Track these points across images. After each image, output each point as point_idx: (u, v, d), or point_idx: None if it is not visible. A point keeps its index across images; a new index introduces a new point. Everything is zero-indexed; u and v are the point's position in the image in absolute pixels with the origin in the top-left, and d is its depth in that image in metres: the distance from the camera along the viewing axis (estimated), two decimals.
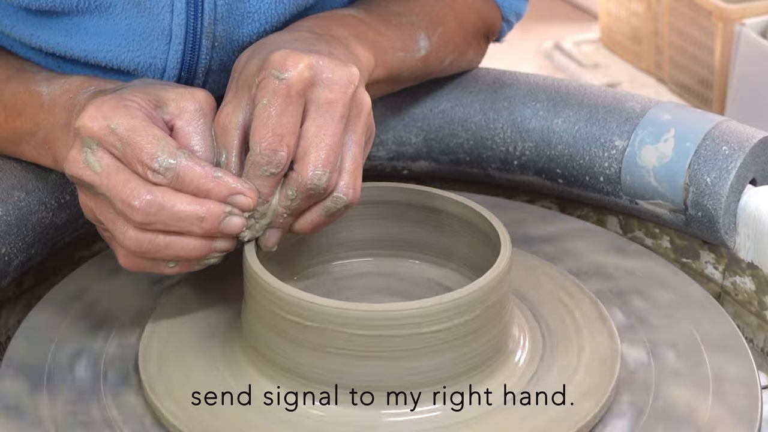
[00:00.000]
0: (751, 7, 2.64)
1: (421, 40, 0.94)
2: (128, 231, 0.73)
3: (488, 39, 1.06)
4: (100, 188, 0.73)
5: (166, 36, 0.87)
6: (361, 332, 0.70)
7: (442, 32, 0.96)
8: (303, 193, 0.74)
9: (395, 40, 0.91)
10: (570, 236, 0.94)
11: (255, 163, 0.73)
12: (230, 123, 0.74)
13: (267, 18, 0.89)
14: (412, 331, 0.70)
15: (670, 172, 0.91)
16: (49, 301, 0.85)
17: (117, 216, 0.73)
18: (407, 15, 0.95)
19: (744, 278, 0.91)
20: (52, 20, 0.87)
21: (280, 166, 0.73)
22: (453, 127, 1.02)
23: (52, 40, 0.88)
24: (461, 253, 0.84)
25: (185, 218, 0.72)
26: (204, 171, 0.73)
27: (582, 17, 3.59)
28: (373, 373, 0.71)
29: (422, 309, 0.70)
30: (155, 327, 0.80)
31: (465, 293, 0.71)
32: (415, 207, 0.85)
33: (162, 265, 0.75)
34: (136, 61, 0.88)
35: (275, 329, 0.73)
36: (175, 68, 0.88)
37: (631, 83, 3.03)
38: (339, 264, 0.87)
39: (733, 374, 0.78)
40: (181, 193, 0.72)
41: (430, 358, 0.71)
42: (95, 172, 0.73)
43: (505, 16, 1.05)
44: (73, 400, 0.75)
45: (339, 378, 0.72)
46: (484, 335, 0.73)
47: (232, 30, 0.89)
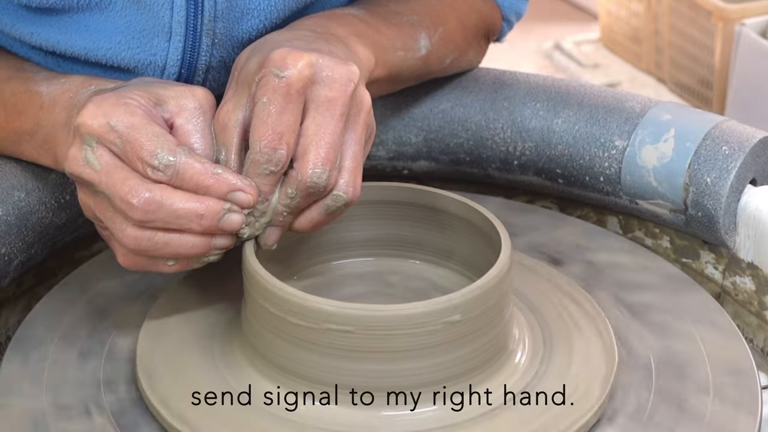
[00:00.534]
0: (751, 7, 2.64)
1: (421, 39, 0.94)
2: (127, 229, 0.73)
3: (489, 39, 1.06)
4: (99, 186, 0.73)
5: (166, 33, 0.87)
6: (362, 333, 0.70)
7: (443, 32, 0.96)
8: (303, 192, 0.74)
9: (396, 39, 0.91)
10: (571, 237, 0.94)
11: (255, 161, 0.73)
12: (230, 121, 0.74)
13: (267, 15, 0.89)
14: (412, 332, 0.70)
15: (670, 172, 0.91)
16: (48, 301, 0.85)
17: (116, 214, 0.73)
18: (408, 14, 0.95)
19: (744, 278, 0.91)
20: (52, 18, 0.87)
21: (280, 164, 0.73)
22: (453, 127, 1.02)
23: (53, 38, 0.88)
24: (461, 253, 0.84)
25: (184, 215, 0.72)
26: (204, 168, 0.73)
27: (582, 17, 3.59)
28: (373, 373, 0.71)
29: (422, 310, 0.70)
30: (154, 326, 0.80)
31: (465, 294, 0.71)
32: (416, 206, 0.85)
33: (161, 263, 0.75)
34: (136, 59, 0.88)
35: (275, 329, 0.73)
36: (175, 65, 0.88)
37: (631, 83, 3.03)
38: (339, 264, 0.87)
39: (733, 374, 0.78)
40: (180, 190, 0.72)
41: (430, 358, 0.71)
42: (94, 169, 0.73)
43: (506, 15, 1.05)
44: (72, 400, 0.75)
45: (339, 378, 0.72)
46: (484, 335, 0.73)
47: (232, 27, 0.89)
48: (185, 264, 0.75)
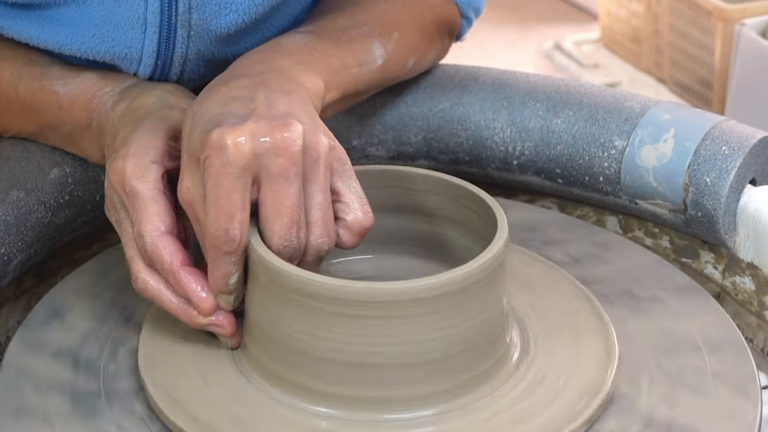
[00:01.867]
0: (751, 7, 2.64)
1: (376, 49, 0.92)
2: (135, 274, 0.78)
3: (451, 35, 1.05)
4: (119, 234, 0.79)
5: (141, 25, 0.87)
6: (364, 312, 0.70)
7: (399, 36, 0.95)
8: (281, 257, 0.74)
9: (347, 57, 0.90)
10: (573, 238, 0.94)
11: (213, 246, 0.73)
12: (193, 198, 0.74)
13: (245, 9, 0.89)
14: (402, 312, 0.70)
15: (670, 172, 0.91)
16: (48, 301, 0.85)
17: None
18: (357, 27, 0.93)
19: (744, 278, 0.91)
20: (25, 11, 0.87)
21: (235, 243, 0.73)
22: (452, 126, 1.02)
23: (25, 32, 0.88)
24: (461, 249, 0.84)
25: (172, 311, 0.77)
26: (171, 266, 0.76)
27: (582, 17, 3.59)
28: (373, 374, 0.71)
29: (411, 288, 0.70)
30: (155, 326, 0.80)
31: (459, 271, 0.71)
32: (413, 196, 0.84)
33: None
34: (111, 52, 0.88)
35: (279, 312, 0.73)
36: (150, 57, 0.89)
37: (631, 83, 3.03)
38: (339, 262, 0.86)
39: (733, 374, 0.78)
40: (169, 286, 0.76)
41: (429, 357, 0.71)
42: (117, 221, 0.79)
43: (464, 12, 1.04)
44: (73, 399, 0.75)
45: (340, 378, 0.72)
46: (484, 335, 0.73)
47: (208, 20, 0.89)
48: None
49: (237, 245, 0.73)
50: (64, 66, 0.90)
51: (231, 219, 0.72)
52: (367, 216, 0.77)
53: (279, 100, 0.77)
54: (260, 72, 0.81)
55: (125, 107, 0.85)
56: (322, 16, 0.95)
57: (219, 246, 0.73)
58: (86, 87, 0.87)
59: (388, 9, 0.96)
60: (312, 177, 0.74)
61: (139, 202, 0.76)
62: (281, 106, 0.77)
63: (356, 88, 0.91)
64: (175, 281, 0.76)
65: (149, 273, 0.77)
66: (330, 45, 0.89)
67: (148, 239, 0.75)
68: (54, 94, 0.87)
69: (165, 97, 0.85)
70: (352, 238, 0.77)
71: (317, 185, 0.74)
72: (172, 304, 0.76)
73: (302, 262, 0.75)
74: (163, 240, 0.76)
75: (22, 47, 0.90)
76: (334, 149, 0.76)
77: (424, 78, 1.03)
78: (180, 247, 0.76)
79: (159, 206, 0.76)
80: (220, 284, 0.75)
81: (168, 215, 0.77)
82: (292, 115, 0.75)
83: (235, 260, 0.74)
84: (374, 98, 1.01)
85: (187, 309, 0.76)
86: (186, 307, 0.76)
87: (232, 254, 0.73)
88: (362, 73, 0.91)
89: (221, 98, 0.77)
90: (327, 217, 0.75)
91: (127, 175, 0.77)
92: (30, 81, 0.88)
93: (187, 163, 0.75)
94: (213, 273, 0.74)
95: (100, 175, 0.91)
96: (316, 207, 0.74)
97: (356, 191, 0.77)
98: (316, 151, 0.74)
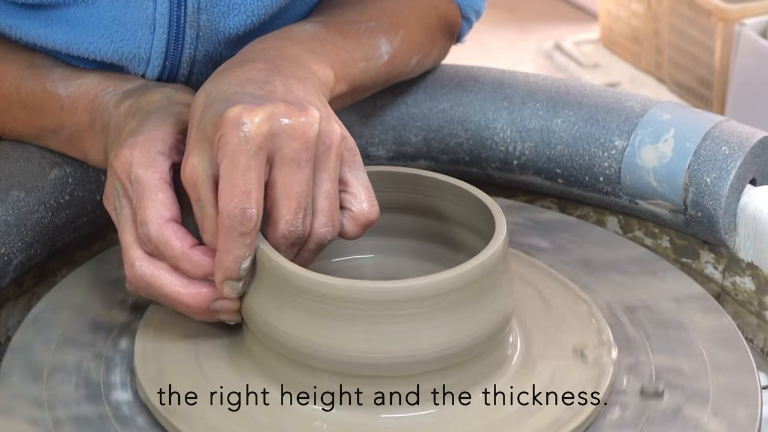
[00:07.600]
0: (751, 7, 2.65)
1: (382, 45, 0.92)
2: (130, 269, 0.76)
3: (451, 36, 1.05)
4: (117, 229, 0.78)
5: (150, 25, 0.87)
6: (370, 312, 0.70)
7: (404, 34, 0.95)
8: (281, 243, 0.74)
9: (355, 51, 0.90)
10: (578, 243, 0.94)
11: (227, 228, 0.71)
12: (198, 177, 0.73)
13: (253, 11, 0.89)
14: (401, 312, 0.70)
15: (670, 172, 0.91)
16: (47, 301, 0.85)
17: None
18: (365, 21, 0.93)
19: (744, 278, 0.91)
20: (34, 11, 0.87)
21: (251, 223, 0.71)
22: (453, 126, 1.02)
23: (33, 32, 0.88)
24: (468, 251, 0.84)
25: (173, 300, 0.75)
26: (181, 251, 0.74)
27: (582, 17, 3.59)
28: (373, 374, 0.71)
29: (413, 287, 0.70)
30: (152, 325, 0.80)
31: (458, 271, 0.71)
32: (417, 196, 0.84)
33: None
34: (120, 52, 0.88)
35: (279, 309, 0.73)
36: (159, 58, 0.89)
37: (631, 83, 3.03)
38: (338, 261, 0.86)
39: (733, 374, 0.78)
40: (172, 271, 0.75)
41: (429, 355, 0.71)
42: (117, 214, 0.78)
43: (465, 13, 1.04)
44: (71, 399, 0.75)
45: (340, 378, 0.72)
46: (484, 334, 0.73)
47: (217, 21, 0.89)
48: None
49: (254, 225, 0.71)
50: (67, 68, 0.89)
51: (248, 197, 0.71)
52: (373, 208, 0.76)
53: (295, 85, 0.77)
54: (274, 57, 0.81)
55: (130, 104, 0.84)
56: (332, 9, 0.95)
57: (235, 227, 0.71)
58: (88, 88, 0.86)
59: (395, 6, 0.97)
60: (323, 165, 0.74)
61: (145, 190, 0.75)
62: (298, 91, 0.76)
63: (362, 83, 0.91)
64: (189, 263, 0.74)
65: (147, 260, 0.75)
66: (339, 37, 0.89)
67: (153, 226, 0.74)
68: (56, 96, 0.87)
69: (171, 95, 0.85)
70: (355, 229, 0.76)
71: (327, 173, 0.74)
72: (173, 288, 0.74)
73: (303, 249, 0.75)
74: (169, 226, 0.74)
75: (26, 50, 0.90)
76: (346, 139, 0.76)
77: (424, 78, 1.03)
78: (188, 232, 0.75)
79: (165, 195, 0.75)
80: (232, 269, 0.72)
81: (174, 205, 0.76)
82: (310, 102, 0.75)
83: (249, 242, 0.72)
84: (374, 98, 1.01)
85: (191, 291, 0.74)
86: (190, 289, 0.74)
87: (248, 235, 0.71)
88: (368, 68, 0.91)
89: (236, 79, 0.76)
90: (333, 206, 0.75)
91: (134, 163, 0.76)
92: (32, 83, 0.88)
93: (196, 141, 0.74)
94: (226, 257, 0.72)
95: (101, 175, 0.91)
96: (324, 195, 0.74)
97: (364, 182, 0.77)
98: (330, 139, 0.74)
